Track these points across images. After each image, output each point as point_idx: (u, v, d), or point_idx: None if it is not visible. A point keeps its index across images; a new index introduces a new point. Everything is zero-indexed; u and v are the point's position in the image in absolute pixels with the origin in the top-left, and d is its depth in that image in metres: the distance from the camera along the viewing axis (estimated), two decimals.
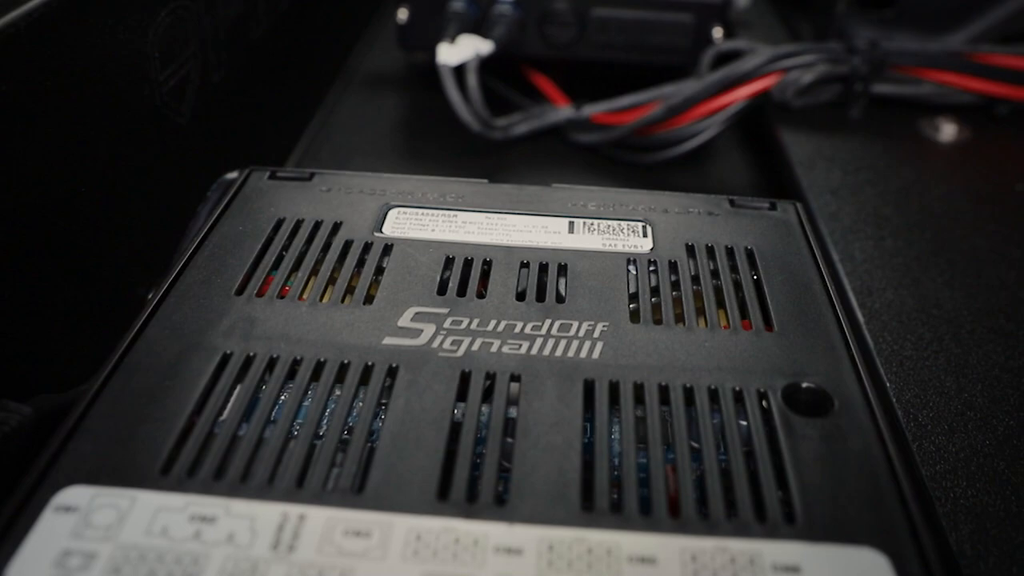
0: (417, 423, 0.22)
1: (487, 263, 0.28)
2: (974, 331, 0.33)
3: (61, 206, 0.28)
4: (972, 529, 0.25)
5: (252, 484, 0.20)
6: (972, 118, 0.48)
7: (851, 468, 0.21)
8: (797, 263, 0.29)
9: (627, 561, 0.19)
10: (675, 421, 0.23)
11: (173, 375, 0.23)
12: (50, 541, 0.19)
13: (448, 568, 0.19)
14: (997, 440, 0.28)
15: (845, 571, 0.19)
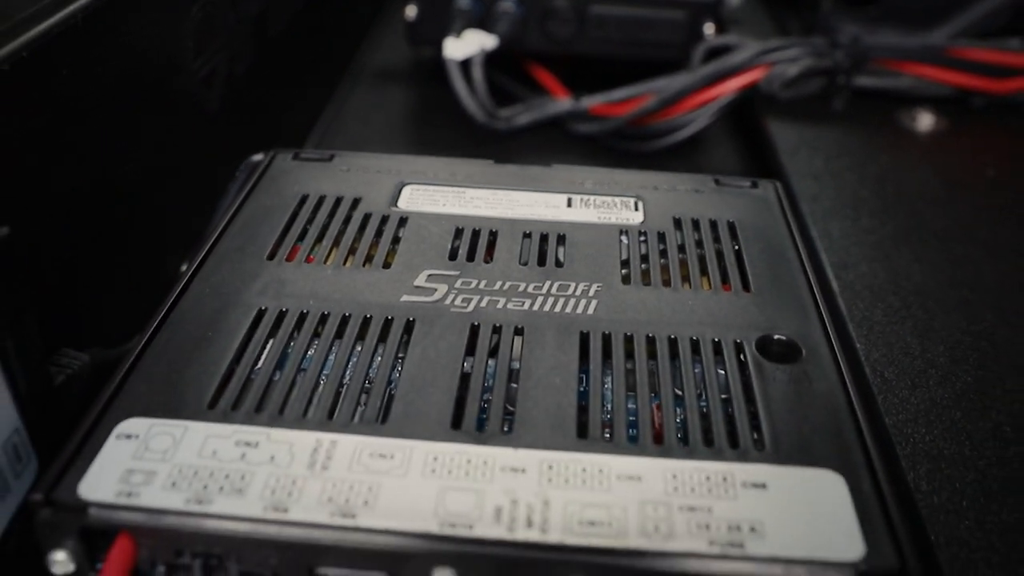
0: (432, 367, 0.25)
1: (493, 233, 0.31)
2: (940, 300, 0.36)
3: (109, 182, 0.31)
4: (928, 469, 0.28)
5: (288, 417, 0.23)
6: (949, 109, 0.51)
7: (815, 405, 0.24)
8: (775, 235, 0.32)
9: (616, 479, 0.22)
10: (660, 366, 0.26)
11: (214, 327, 0.26)
12: (115, 462, 0.22)
13: (461, 483, 0.22)
14: (955, 394, 0.31)
15: (805, 488, 0.22)
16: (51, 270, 0.28)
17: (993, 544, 0.26)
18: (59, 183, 0.28)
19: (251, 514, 0.21)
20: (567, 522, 0.21)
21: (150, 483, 0.21)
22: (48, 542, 0.21)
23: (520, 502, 0.21)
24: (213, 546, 0.21)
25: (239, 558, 0.21)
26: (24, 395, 0.22)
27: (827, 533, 0.21)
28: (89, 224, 0.30)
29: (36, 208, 0.27)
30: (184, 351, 0.25)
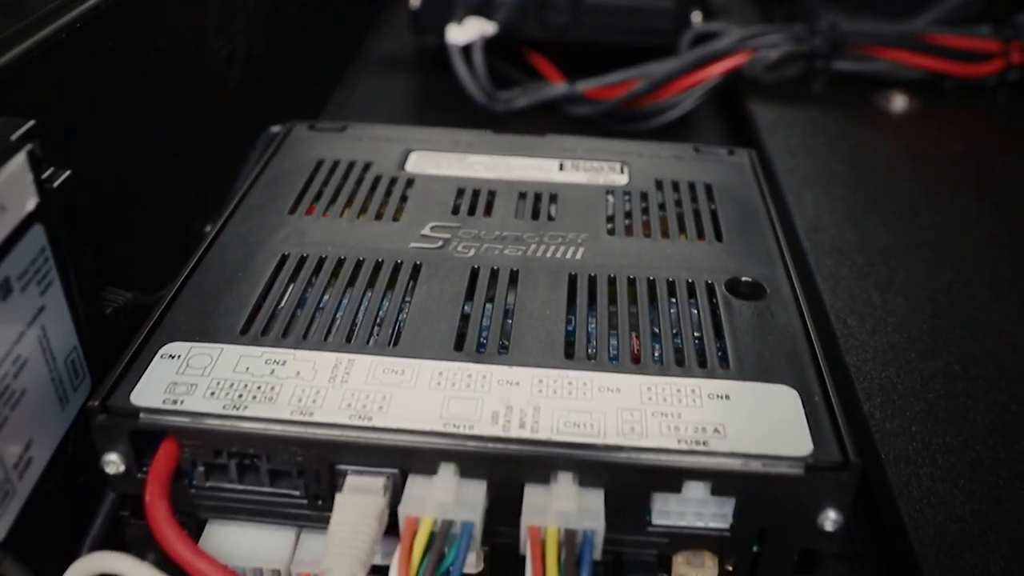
0: (437, 302, 0.28)
1: (491, 193, 0.34)
2: (902, 259, 0.39)
3: (143, 147, 0.35)
4: (882, 400, 0.31)
5: (311, 341, 0.27)
6: (921, 92, 0.54)
7: (775, 334, 0.27)
8: (747, 195, 0.35)
9: (598, 390, 0.25)
10: (639, 302, 0.29)
11: (243, 269, 0.29)
12: (160, 377, 0.25)
13: (463, 393, 0.25)
14: (911, 338, 0.34)
15: (763, 400, 0.25)
16: (97, 217, 0.31)
17: (936, 462, 0.29)
18: (103, 143, 0.31)
19: (280, 416, 0.24)
20: (554, 424, 0.24)
21: (192, 393, 0.25)
22: (103, 445, 0.24)
23: (514, 408, 0.24)
24: (247, 446, 0.24)
25: (269, 457, 0.24)
26: (81, 320, 0.25)
27: (781, 434, 0.24)
28: (127, 182, 0.33)
29: (86, 162, 0.30)
30: (217, 288, 0.29)
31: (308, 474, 0.24)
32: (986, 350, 0.34)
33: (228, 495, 0.25)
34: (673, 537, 0.25)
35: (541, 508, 0.23)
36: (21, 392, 0.23)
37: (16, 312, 0.22)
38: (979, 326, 0.35)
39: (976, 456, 0.29)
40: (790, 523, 0.24)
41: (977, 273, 0.38)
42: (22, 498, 0.23)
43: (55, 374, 0.24)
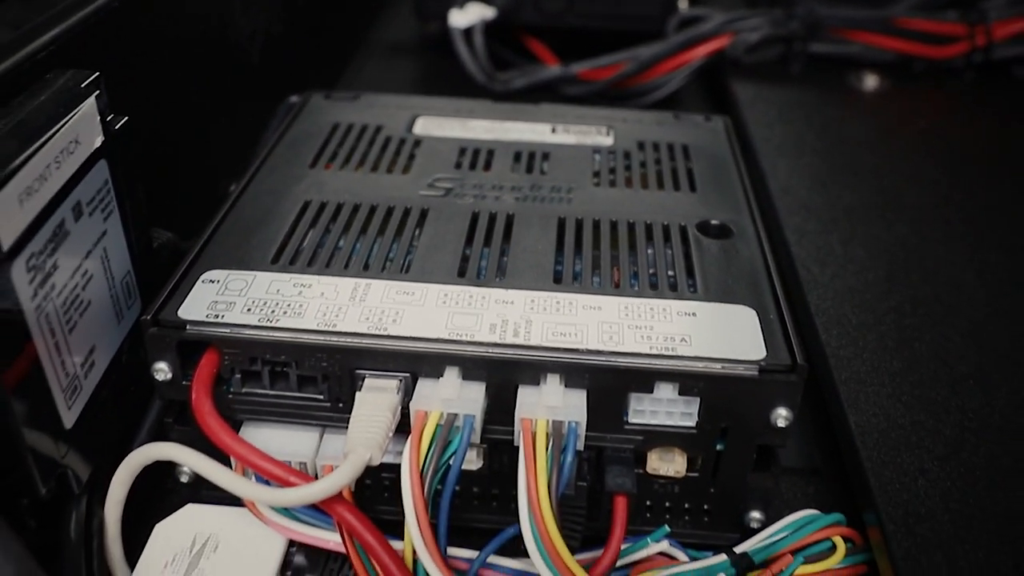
0: (443, 238, 0.32)
1: (490, 151, 0.38)
2: (864, 217, 0.43)
3: (179, 109, 0.38)
4: (838, 332, 0.35)
5: (333, 269, 0.30)
6: (892, 72, 0.58)
7: (739, 266, 0.31)
8: (720, 155, 0.39)
9: (582, 308, 0.29)
10: (620, 241, 0.33)
11: (270, 212, 0.33)
12: (203, 297, 0.29)
13: (465, 310, 0.29)
14: (867, 282, 0.38)
15: (726, 317, 0.29)
16: (142, 164, 0.35)
17: (883, 382, 0.33)
18: (146, 102, 0.35)
19: (308, 327, 0.28)
20: (544, 333, 0.28)
21: (230, 310, 0.28)
22: (153, 355, 0.28)
23: (509, 321, 0.28)
24: (279, 353, 0.28)
25: (298, 363, 0.28)
26: (134, 248, 0.29)
27: (739, 344, 0.28)
28: (164, 140, 0.37)
29: (133, 116, 0.34)
30: (249, 227, 0.32)
31: (331, 379, 0.28)
32: (933, 293, 0.38)
33: (261, 399, 0.29)
34: (647, 435, 0.28)
35: (532, 404, 0.27)
36: (87, 303, 0.27)
37: (86, 233, 0.26)
38: (929, 273, 0.39)
39: (918, 378, 0.33)
40: (747, 421, 0.28)
41: (931, 229, 0.42)
42: (86, 395, 0.27)
43: (113, 292, 0.28)
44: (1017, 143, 0.52)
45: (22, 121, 0.24)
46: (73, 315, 0.26)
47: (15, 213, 0.23)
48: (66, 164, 0.25)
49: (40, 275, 0.24)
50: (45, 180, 0.24)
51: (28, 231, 0.23)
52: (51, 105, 0.25)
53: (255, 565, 0.27)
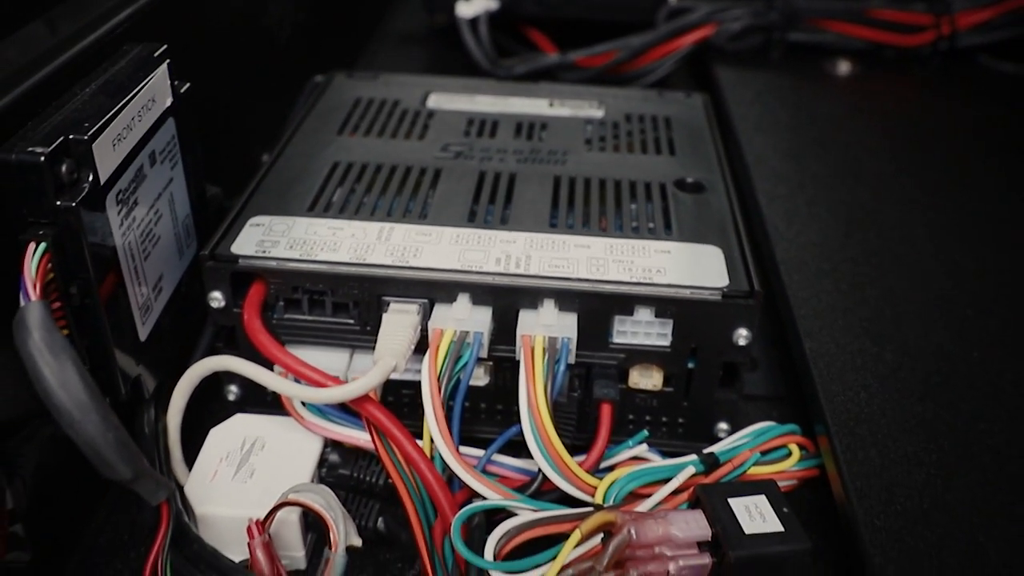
0: (455, 190, 0.37)
1: (495, 122, 0.44)
2: (830, 183, 0.48)
3: (219, 89, 0.44)
4: (799, 276, 0.40)
5: (361, 215, 0.36)
6: (864, 59, 0.63)
7: (709, 215, 0.37)
8: (698, 126, 0.44)
9: (574, 247, 0.34)
10: (607, 195, 0.38)
11: (305, 170, 0.39)
12: (251, 237, 0.34)
13: (474, 247, 0.34)
14: (827, 237, 0.43)
15: (696, 254, 0.34)
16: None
17: (836, 317, 0.38)
18: (199, 75, 0.40)
19: (342, 260, 0.33)
20: (541, 266, 0.33)
21: (275, 247, 0.34)
22: (210, 285, 0.33)
23: (512, 256, 0.33)
24: (317, 283, 0.33)
25: (333, 291, 0.33)
26: (193, 195, 0.35)
27: (707, 274, 0.33)
28: (210, 112, 0.42)
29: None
30: (287, 182, 0.38)
31: (361, 305, 0.33)
32: (886, 246, 0.43)
33: (301, 324, 0.34)
34: (628, 353, 0.34)
35: (531, 324, 0.32)
36: (158, 237, 0.32)
37: (158, 178, 0.31)
38: (883, 230, 0.44)
39: (867, 314, 0.38)
40: (713, 340, 0.33)
41: (888, 194, 0.47)
42: (155, 316, 0.32)
43: (177, 231, 0.34)
44: (977, 124, 0.57)
45: (108, 81, 0.30)
46: (147, 246, 0.31)
47: (109, 154, 0.28)
48: (144, 119, 0.30)
49: (125, 208, 0.29)
50: (130, 131, 0.29)
51: (118, 171, 0.29)
52: (131, 70, 0.30)
53: (296, 461, 0.32)
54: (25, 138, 0.26)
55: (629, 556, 0.29)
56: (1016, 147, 0.54)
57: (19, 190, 0.26)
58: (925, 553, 0.29)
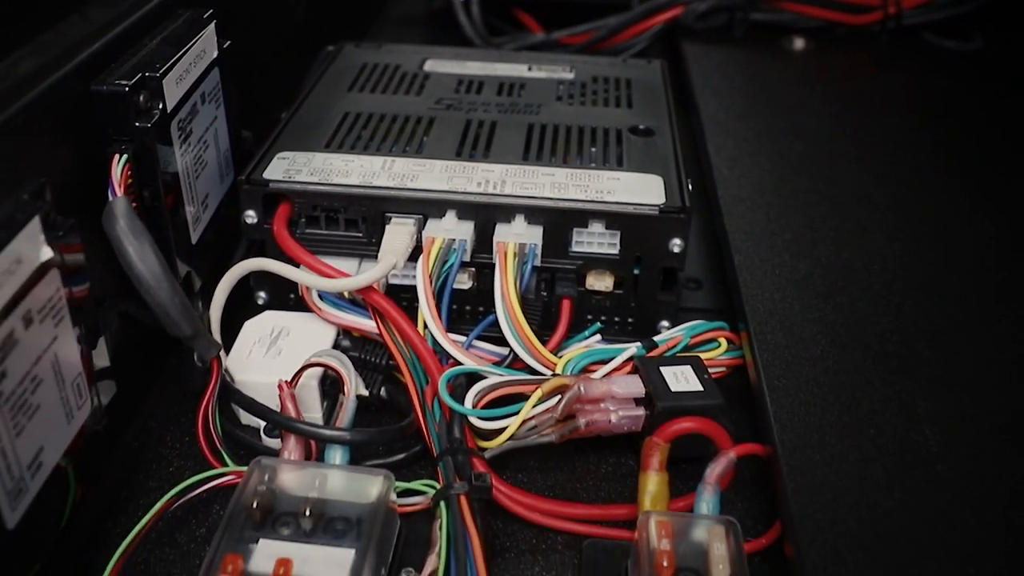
0: (445, 133, 0.46)
1: (481, 82, 0.52)
2: (774, 137, 0.56)
3: (246, 55, 0.52)
4: (737, 208, 0.49)
5: (368, 151, 0.44)
6: (819, 36, 0.72)
7: (655, 153, 0.45)
8: (654, 86, 0.53)
9: (542, 175, 0.43)
10: (571, 139, 0.46)
11: (321, 118, 0.47)
12: (279, 167, 0.43)
13: (460, 175, 0.42)
14: (764, 179, 0.52)
15: (641, 181, 0.43)
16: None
17: (763, 240, 0.47)
18: (232, 39, 0.49)
19: (352, 181, 0.42)
20: (513, 188, 0.42)
21: (299, 174, 0.42)
22: (245, 205, 0.42)
23: (490, 181, 0.42)
24: (333, 202, 0.42)
25: (345, 209, 0.42)
26: (231, 133, 0.43)
27: (649, 195, 0.42)
28: (241, 68, 0.51)
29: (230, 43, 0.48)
30: (306, 128, 0.46)
31: (368, 221, 0.42)
32: (814, 186, 0.51)
33: (319, 238, 0.43)
34: (585, 259, 0.42)
35: (505, 233, 0.41)
36: (206, 162, 0.41)
37: (207, 114, 0.40)
38: (814, 174, 0.53)
39: (791, 237, 0.47)
40: (653, 249, 0.42)
41: (825, 148, 0.56)
42: (203, 226, 0.41)
43: (219, 159, 0.42)
44: (917, 93, 0.66)
45: (170, 35, 0.38)
46: (198, 168, 0.40)
47: (173, 90, 0.37)
48: (197, 66, 0.39)
49: (183, 135, 0.38)
50: (188, 73, 0.38)
51: (179, 104, 0.37)
52: (186, 27, 0.39)
53: (315, 343, 0.41)
54: (112, 74, 0.35)
55: (579, 409, 0.38)
56: (949, 113, 0.63)
57: (108, 114, 0.35)
58: (812, 403, 0.37)
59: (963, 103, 0.64)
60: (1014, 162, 0.56)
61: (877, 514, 0.33)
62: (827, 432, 0.36)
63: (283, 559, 0.31)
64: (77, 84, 0.34)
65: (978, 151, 0.57)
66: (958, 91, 0.66)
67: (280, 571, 0.31)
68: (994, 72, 0.69)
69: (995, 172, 0.55)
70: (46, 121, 0.33)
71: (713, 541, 0.32)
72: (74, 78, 0.34)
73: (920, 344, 0.40)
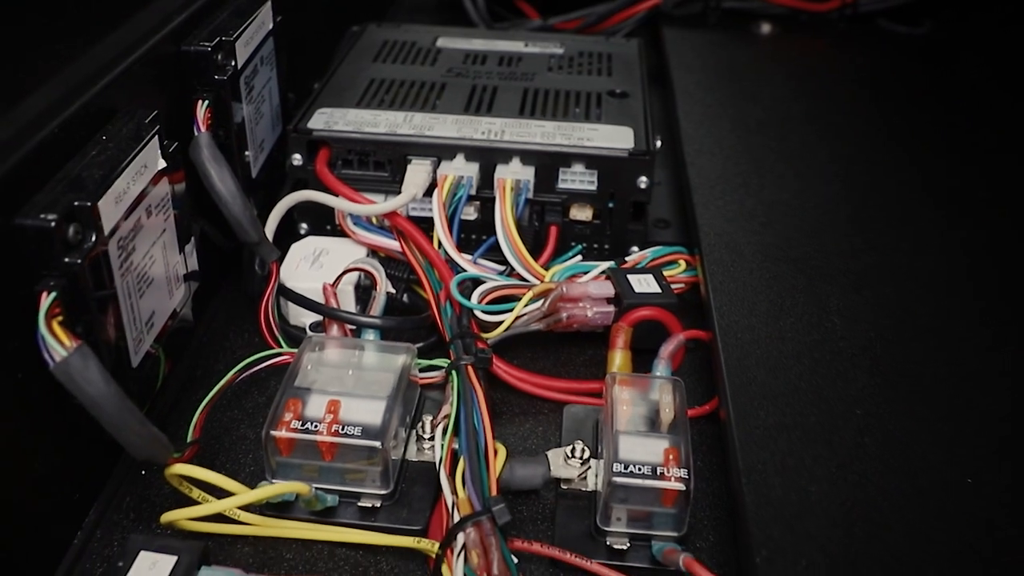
0: (455, 95, 0.57)
1: (485, 56, 0.63)
2: (734, 104, 0.67)
3: (289, 33, 0.63)
4: (700, 161, 0.59)
5: (393, 107, 0.55)
6: (784, 22, 0.83)
7: (628, 111, 0.56)
8: (631, 59, 0.64)
9: (535, 126, 0.53)
10: (559, 101, 0.57)
11: (352, 82, 0.58)
12: (320, 119, 0.53)
13: (469, 127, 0.53)
14: (725, 138, 0.62)
15: (614, 131, 0.53)
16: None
17: (720, 183, 0.57)
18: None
19: (380, 130, 0.52)
20: (511, 137, 0.52)
21: (336, 124, 0.53)
22: (292, 150, 0.53)
23: (493, 130, 0.53)
24: (364, 147, 0.52)
25: (373, 153, 0.53)
26: (282, 91, 0.54)
27: (620, 142, 0.52)
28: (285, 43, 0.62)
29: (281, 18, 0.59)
30: (340, 89, 0.57)
31: (392, 163, 0.53)
32: (767, 144, 0.62)
33: (352, 177, 0.53)
34: (569, 195, 0.53)
35: (504, 172, 0.52)
36: (263, 113, 0.51)
37: (264, 74, 0.51)
38: (770, 135, 0.63)
39: (743, 181, 0.57)
40: (624, 185, 0.52)
41: (784, 114, 0.66)
42: (259, 165, 0.52)
43: (272, 113, 0.53)
44: (868, 72, 0.76)
45: (237, 8, 0.49)
46: (257, 118, 0.51)
47: (243, 50, 0.47)
48: (259, 34, 0.50)
49: (247, 88, 0.49)
50: (252, 39, 0.49)
51: (246, 63, 0.48)
52: (248, 7, 0.50)
53: (350, 259, 0.52)
54: (196, 38, 0.46)
55: (561, 307, 0.48)
56: (896, 88, 0.73)
57: (194, 68, 0.45)
58: (746, 300, 0.47)
59: (910, 80, 0.75)
60: (948, 127, 0.67)
61: (791, 376, 0.43)
62: (756, 321, 0.46)
63: (333, 401, 0.41)
64: (171, 45, 0.45)
65: (918, 119, 0.68)
66: (906, 70, 0.77)
67: (331, 410, 0.41)
68: (939, 53, 0.80)
69: (930, 135, 0.65)
70: (150, 72, 0.43)
71: (663, 394, 0.43)
72: (168, 41, 0.45)
73: (837, 260, 0.51)
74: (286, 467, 0.40)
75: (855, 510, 0.37)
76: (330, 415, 0.41)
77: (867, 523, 0.36)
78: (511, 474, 0.41)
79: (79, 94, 0.38)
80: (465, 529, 0.36)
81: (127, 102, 0.41)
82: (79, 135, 0.37)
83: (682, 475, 0.38)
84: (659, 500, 0.39)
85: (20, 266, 0.34)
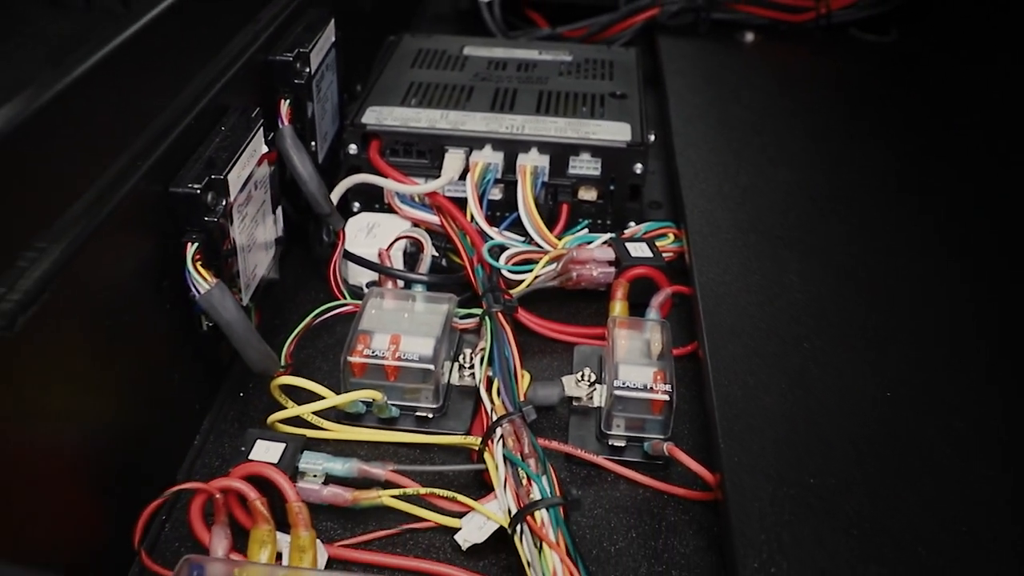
0: (482, 97, 0.70)
1: (505, 63, 0.76)
2: (721, 105, 0.80)
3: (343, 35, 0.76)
4: (689, 151, 0.72)
5: (431, 106, 0.68)
6: (766, 32, 0.95)
7: (627, 110, 0.69)
8: (629, 65, 0.77)
9: (549, 122, 0.66)
10: (570, 101, 0.70)
11: (395, 85, 0.71)
12: (371, 115, 0.66)
13: (493, 123, 0.66)
14: (710, 132, 0.75)
15: (615, 126, 0.66)
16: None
17: (705, 168, 0.70)
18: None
19: (422, 125, 0.65)
20: (530, 131, 0.65)
21: (385, 119, 0.66)
22: (348, 140, 0.66)
23: (514, 126, 0.65)
24: (409, 139, 0.65)
25: (417, 144, 0.65)
26: (341, 91, 0.67)
27: (620, 135, 0.65)
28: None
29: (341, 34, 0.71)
30: (386, 91, 0.70)
31: (433, 152, 0.65)
32: (748, 137, 0.75)
33: (398, 164, 0.66)
34: (577, 179, 0.66)
35: (524, 160, 0.64)
36: (327, 111, 0.64)
37: (328, 78, 0.64)
38: (755, 128, 0.76)
39: (724, 168, 0.70)
40: (623, 171, 0.65)
41: (763, 112, 0.79)
42: (323, 153, 0.64)
43: (332, 111, 0.66)
44: (840, 76, 0.89)
45: (307, 25, 0.62)
46: (323, 114, 0.63)
47: (315, 57, 0.60)
48: (325, 45, 0.62)
49: (317, 89, 0.61)
50: (323, 48, 0.61)
51: (317, 69, 0.61)
52: (318, 22, 0.63)
53: (397, 231, 0.64)
54: (280, 49, 0.58)
55: (571, 268, 0.61)
56: (865, 91, 0.86)
57: (279, 74, 0.58)
58: (720, 262, 0.60)
59: (877, 83, 0.88)
60: (909, 124, 0.79)
61: (754, 319, 0.56)
62: (729, 278, 0.59)
63: (395, 336, 0.54)
64: (260, 56, 0.58)
65: (884, 117, 0.81)
66: (874, 74, 0.90)
67: (393, 342, 0.54)
68: (905, 59, 0.93)
69: (891, 130, 0.78)
70: (249, 77, 0.56)
71: (653, 333, 0.55)
72: (258, 52, 0.58)
73: (800, 232, 0.64)
74: (358, 387, 0.53)
75: (798, 414, 0.49)
76: (393, 346, 0.53)
77: (806, 423, 0.49)
78: (534, 393, 0.54)
79: (205, 94, 0.50)
80: (502, 424, 0.49)
81: (234, 100, 0.53)
82: (204, 126, 0.50)
83: (667, 390, 0.51)
84: (650, 408, 0.51)
85: (172, 223, 0.46)
